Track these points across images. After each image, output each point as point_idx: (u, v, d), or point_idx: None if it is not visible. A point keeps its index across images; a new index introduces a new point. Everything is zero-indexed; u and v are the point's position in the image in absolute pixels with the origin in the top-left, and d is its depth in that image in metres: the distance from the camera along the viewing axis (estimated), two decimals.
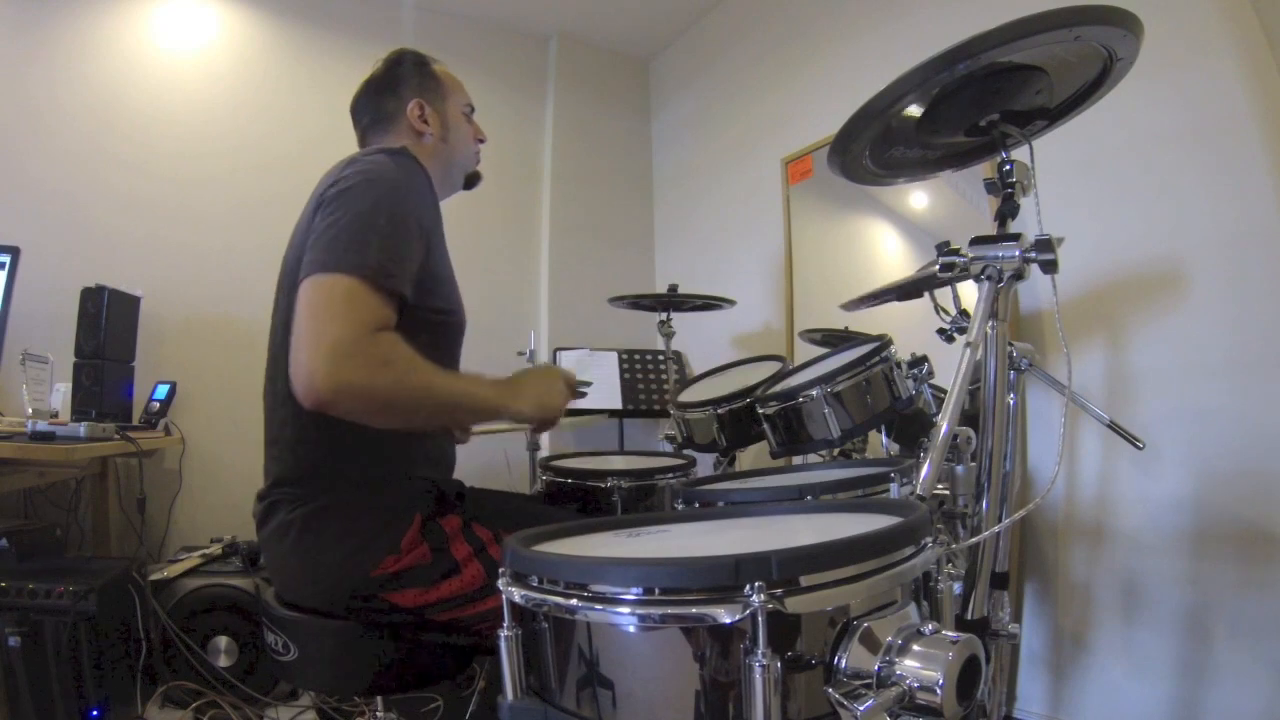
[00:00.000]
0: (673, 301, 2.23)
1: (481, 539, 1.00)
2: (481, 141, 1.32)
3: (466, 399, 0.98)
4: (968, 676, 0.51)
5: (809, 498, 0.92)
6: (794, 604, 0.51)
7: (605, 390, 2.59)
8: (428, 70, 1.24)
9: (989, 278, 0.97)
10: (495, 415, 1.02)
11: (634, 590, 0.54)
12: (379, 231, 0.89)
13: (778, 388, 1.34)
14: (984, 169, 1.32)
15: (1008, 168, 1.03)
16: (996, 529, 0.96)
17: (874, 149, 1.11)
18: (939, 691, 0.49)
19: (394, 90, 1.20)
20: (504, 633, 0.61)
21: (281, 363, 0.99)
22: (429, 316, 1.01)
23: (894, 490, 0.93)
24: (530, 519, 1.00)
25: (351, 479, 0.99)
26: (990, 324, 0.98)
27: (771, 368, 1.59)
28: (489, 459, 2.66)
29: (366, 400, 0.84)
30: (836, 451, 1.44)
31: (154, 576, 1.83)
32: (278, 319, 1.04)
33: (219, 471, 2.36)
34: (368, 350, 0.83)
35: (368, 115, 1.22)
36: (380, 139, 1.19)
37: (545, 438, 2.73)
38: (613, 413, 2.57)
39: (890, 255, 2.22)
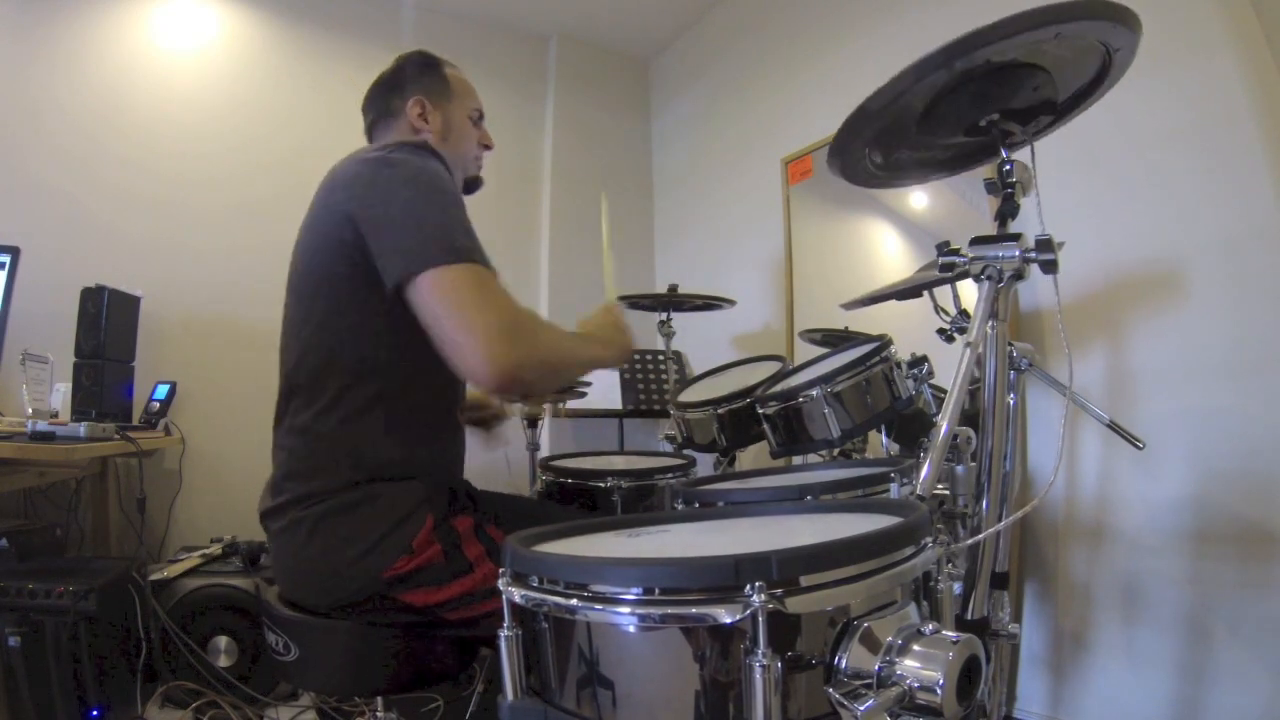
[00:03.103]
0: (673, 301, 2.23)
1: (494, 539, 1.00)
2: (488, 148, 1.32)
3: (585, 355, 1.07)
4: (968, 676, 0.51)
5: (809, 498, 0.92)
6: (794, 604, 0.51)
7: (605, 390, 2.59)
8: (437, 72, 1.26)
9: (989, 278, 0.97)
10: (595, 368, 1.12)
11: (634, 590, 0.54)
12: (458, 221, 0.97)
13: (778, 388, 1.34)
14: (984, 169, 1.31)
15: (1008, 168, 1.03)
16: (996, 529, 0.96)
17: (874, 151, 1.11)
18: (939, 691, 0.49)
19: (399, 88, 1.23)
20: (504, 633, 0.61)
21: (305, 357, 1.01)
22: None
23: (894, 490, 0.93)
24: (542, 521, 0.99)
25: (365, 479, 0.99)
26: (990, 324, 0.97)
27: (771, 368, 1.59)
28: (489, 459, 2.64)
29: (540, 367, 0.93)
30: (836, 451, 1.44)
31: (154, 576, 1.83)
32: (291, 315, 1.05)
33: (219, 471, 2.36)
34: (523, 324, 0.91)
35: (373, 111, 1.25)
36: (383, 135, 1.22)
37: (545, 438, 2.72)
38: (613, 413, 2.57)
39: (890, 255, 2.22)
